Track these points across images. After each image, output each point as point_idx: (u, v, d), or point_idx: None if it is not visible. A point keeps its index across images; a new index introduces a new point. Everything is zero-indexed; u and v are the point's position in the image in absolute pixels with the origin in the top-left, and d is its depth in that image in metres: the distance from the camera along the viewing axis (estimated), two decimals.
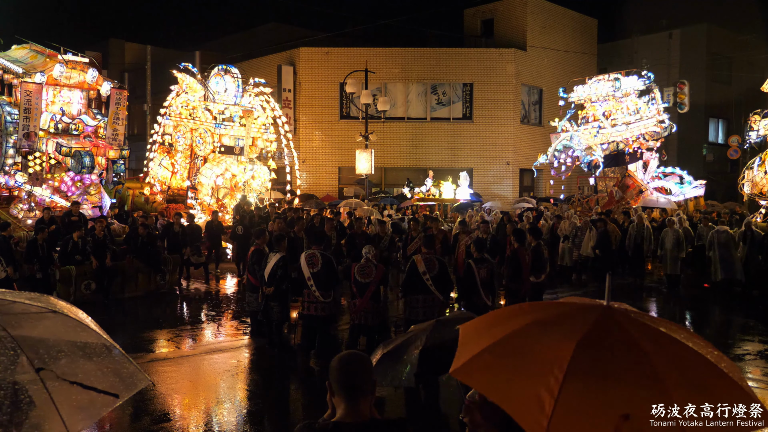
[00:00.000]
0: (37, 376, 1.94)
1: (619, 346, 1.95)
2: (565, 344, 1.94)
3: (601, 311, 2.12)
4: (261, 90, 21.33)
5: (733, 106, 33.57)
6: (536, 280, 9.39)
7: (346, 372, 2.40)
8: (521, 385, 1.93)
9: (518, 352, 2.04)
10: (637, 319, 2.11)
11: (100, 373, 2.14)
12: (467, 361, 2.11)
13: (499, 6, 31.39)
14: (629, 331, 2.01)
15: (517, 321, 2.18)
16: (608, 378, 1.86)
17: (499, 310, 2.56)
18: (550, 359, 1.91)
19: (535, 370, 1.93)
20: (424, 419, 6.91)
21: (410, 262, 8.17)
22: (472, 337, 2.28)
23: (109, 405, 2.09)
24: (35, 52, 16.77)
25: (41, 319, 2.19)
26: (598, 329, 2.01)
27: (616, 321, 2.06)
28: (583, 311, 2.16)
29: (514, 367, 2.00)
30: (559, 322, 2.11)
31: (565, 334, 1.99)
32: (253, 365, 8.77)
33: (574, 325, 2.05)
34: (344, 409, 2.39)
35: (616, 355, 1.92)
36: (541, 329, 2.09)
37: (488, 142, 29.26)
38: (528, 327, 2.12)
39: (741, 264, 13.58)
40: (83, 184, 16.33)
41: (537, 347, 2.01)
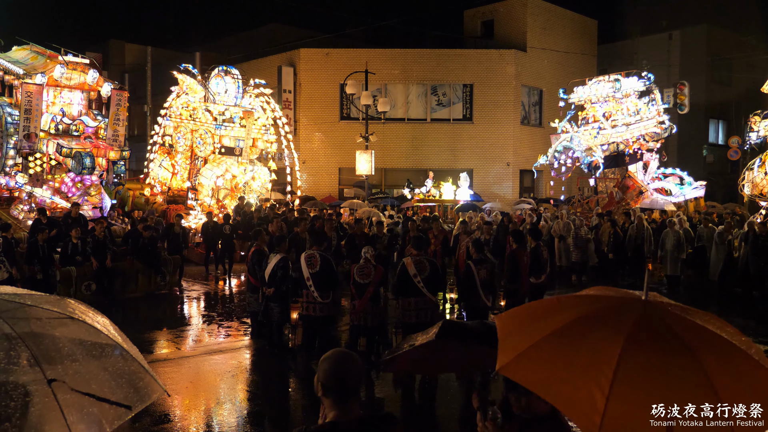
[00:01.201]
0: (48, 388, 1.92)
1: (665, 342, 1.97)
2: (613, 341, 1.96)
3: (642, 306, 2.15)
4: (261, 91, 21.34)
5: (733, 107, 33.57)
6: (536, 281, 9.39)
7: (338, 372, 2.41)
8: (572, 382, 1.94)
9: (566, 349, 2.05)
10: (677, 312, 2.14)
11: (114, 384, 2.10)
12: (515, 357, 2.12)
13: (499, 7, 31.41)
14: (672, 326, 2.03)
15: (561, 317, 2.19)
16: (657, 375, 1.88)
17: (535, 304, 2.57)
18: (600, 356, 1.94)
19: (584, 368, 1.95)
20: (424, 419, 6.92)
21: (400, 264, 8.12)
22: (512, 330, 2.28)
23: (121, 417, 2.05)
24: (36, 54, 16.78)
25: (58, 326, 2.16)
26: (643, 325, 2.04)
27: (658, 316, 2.09)
28: (625, 306, 2.17)
29: (564, 365, 2.01)
30: (603, 318, 2.12)
31: (611, 331, 2.02)
32: (254, 366, 8.77)
33: (618, 320, 2.07)
34: (336, 408, 2.41)
35: (663, 351, 1.94)
36: (587, 325, 2.11)
37: (488, 143, 29.27)
38: (573, 323, 2.13)
39: (742, 265, 13.59)
40: (84, 185, 16.34)
41: (585, 344, 2.03)
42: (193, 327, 11.22)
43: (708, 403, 1.79)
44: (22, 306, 2.14)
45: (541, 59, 30.35)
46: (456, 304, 11.68)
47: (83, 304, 2.38)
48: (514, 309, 2.57)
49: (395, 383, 8.03)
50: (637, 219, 15.67)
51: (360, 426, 2.41)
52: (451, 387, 7.97)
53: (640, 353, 1.93)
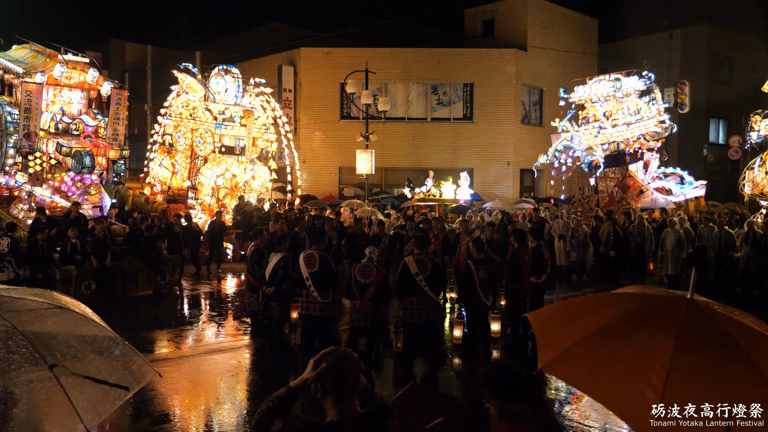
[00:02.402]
0: (51, 373, 1.94)
1: (716, 341, 1.93)
2: (663, 340, 1.92)
3: (687, 304, 2.09)
4: (261, 90, 21.33)
5: (733, 107, 33.55)
6: (537, 280, 9.37)
7: (338, 373, 2.41)
8: (621, 381, 1.89)
9: (613, 347, 2.00)
10: (723, 312, 2.09)
11: (110, 367, 2.14)
12: (558, 356, 2.06)
13: (499, 6, 31.39)
14: (720, 324, 1.98)
15: (603, 314, 2.13)
16: (711, 374, 1.84)
17: (573, 301, 2.48)
18: (650, 355, 1.89)
19: (635, 367, 1.90)
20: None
21: (402, 263, 8.13)
22: (550, 328, 2.22)
23: (120, 398, 2.09)
24: (36, 52, 16.77)
25: (49, 315, 2.18)
26: (691, 324, 1.99)
27: (705, 315, 2.04)
28: (670, 305, 2.13)
29: (612, 363, 1.96)
30: (649, 317, 2.07)
31: (660, 329, 1.97)
32: (254, 365, 8.77)
33: (666, 319, 2.02)
34: (337, 408, 2.42)
35: (714, 350, 1.90)
36: (633, 324, 2.05)
37: (489, 143, 29.26)
38: (619, 321, 2.07)
39: (742, 264, 13.58)
40: (83, 184, 16.33)
41: (633, 342, 1.98)
42: (193, 326, 11.22)
43: (760, 402, 1.75)
44: (10, 300, 2.16)
45: (541, 58, 30.34)
46: (456, 303, 11.68)
47: (67, 296, 2.41)
48: (549, 307, 2.54)
49: (395, 383, 8.03)
50: (637, 218, 15.67)
51: (362, 424, 2.41)
52: (451, 387, 7.97)
53: (692, 352, 1.88)
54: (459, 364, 8.85)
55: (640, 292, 2.35)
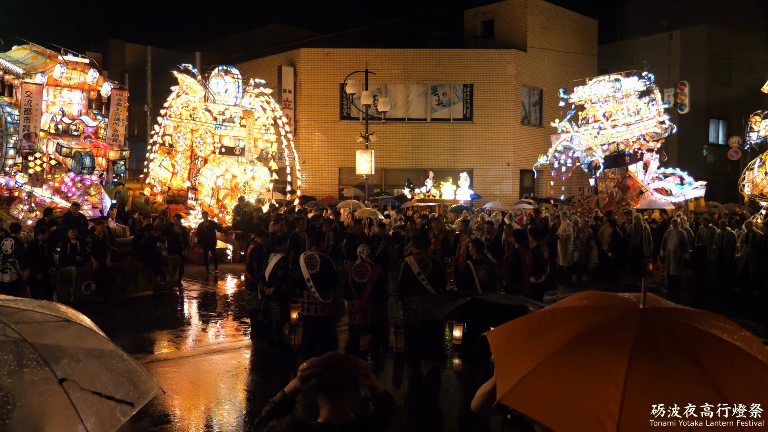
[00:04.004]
0: (60, 387, 1.93)
1: (670, 354, 1.86)
2: (616, 358, 1.85)
3: (641, 316, 2.02)
4: (261, 91, 21.34)
5: (733, 107, 33.56)
6: (536, 281, 9.37)
7: (326, 376, 2.42)
8: (579, 408, 1.83)
9: (569, 371, 1.93)
10: (678, 318, 2.02)
11: (117, 382, 2.12)
12: (515, 385, 1.98)
13: (499, 7, 31.40)
14: (677, 334, 1.92)
15: (558, 334, 2.05)
16: (665, 390, 1.78)
17: (527, 318, 2.38)
18: (605, 377, 1.83)
19: (590, 391, 1.83)
20: (424, 418, 6.91)
21: (403, 263, 8.15)
22: (508, 353, 2.15)
23: (126, 414, 2.07)
24: (36, 53, 16.77)
25: (58, 328, 2.17)
26: (645, 337, 1.92)
27: (660, 324, 1.97)
28: (623, 317, 2.04)
29: (568, 390, 1.89)
30: (602, 333, 1.99)
31: (612, 347, 1.90)
32: (254, 366, 8.77)
33: (619, 334, 1.95)
34: (328, 410, 2.43)
35: (668, 365, 1.84)
36: (587, 343, 1.97)
37: (488, 143, 29.26)
38: (573, 342, 1.99)
39: (742, 265, 13.58)
40: (83, 184, 16.32)
41: (588, 365, 1.91)
42: (193, 327, 11.22)
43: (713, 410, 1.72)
44: (18, 311, 2.15)
45: (541, 59, 30.34)
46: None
47: (70, 309, 2.40)
48: (505, 325, 2.39)
49: (395, 382, 8.04)
50: (635, 219, 15.67)
51: (354, 428, 2.42)
52: (452, 387, 7.97)
53: (646, 369, 1.83)
54: (459, 364, 8.84)
55: (594, 303, 2.23)
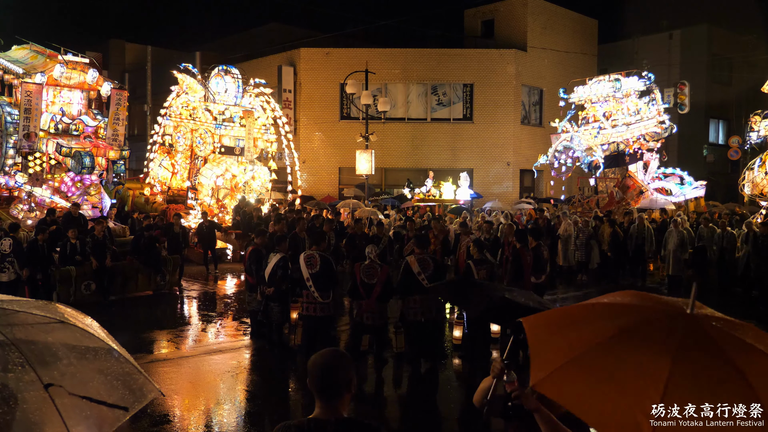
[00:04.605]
0: (46, 393, 1.90)
1: (715, 363, 1.86)
2: (659, 361, 1.85)
3: (687, 321, 2.02)
4: (261, 90, 21.34)
5: (733, 107, 33.55)
6: (536, 281, 9.38)
7: (321, 372, 2.45)
8: (616, 405, 1.83)
9: (609, 367, 1.93)
10: (724, 329, 2.01)
11: (110, 386, 2.10)
12: (551, 373, 1.98)
13: (499, 6, 31.39)
14: (720, 344, 1.91)
15: (599, 328, 2.06)
16: (707, 399, 1.78)
17: (567, 309, 2.39)
18: (646, 377, 1.84)
19: (630, 389, 1.84)
20: (424, 418, 6.91)
21: (404, 263, 8.17)
22: (544, 341, 2.15)
23: (119, 419, 2.05)
24: (35, 53, 16.77)
25: (50, 330, 2.13)
26: (689, 343, 1.91)
27: (704, 332, 1.97)
28: (669, 320, 2.04)
29: (607, 385, 1.89)
30: (646, 333, 2.00)
31: (656, 349, 1.90)
32: (254, 366, 8.76)
33: (664, 337, 1.95)
34: (320, 407, 2.47)
35: (712, 374, 1.84)
36: (630, 341, 1.98)
37: (488, 143, 29.26)
38: (614, 338, 2.00)
39: (743, 264, 13.57)
40: (83, 184, 16.32)
41: (629, 363, 1.91)
42: (193, 327, 11.22)
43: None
44: (11, 312, 2.12)
45: (541, 59, 30.33)
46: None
47: (71, 308, 2.37)
48: (542, 314, 2.45)
49: (395, 382, 8.03)
50: (638, 219, 15.66)
51: (341, 426, 2.45)
52: (452, 387, 7.97)
53: (688, 375, 1.83)
54: (459, 364, 8.84)
55: (639, 302, 2.24)
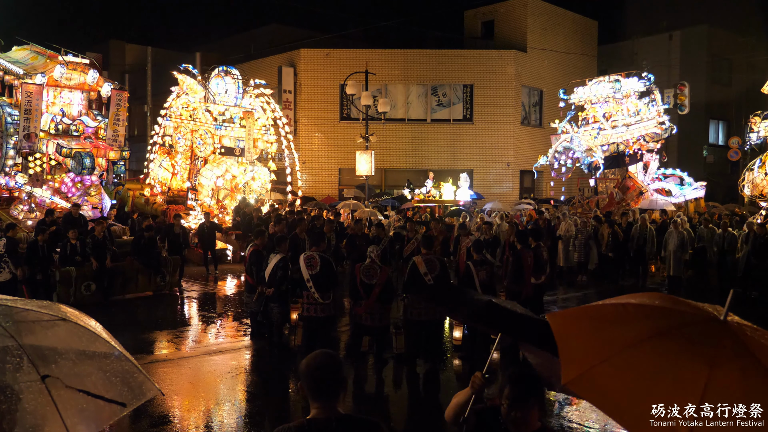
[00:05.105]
0: (42, 384, 1.92)
1: (752, 372, 1.85)
2: (698, 367, 1.85)
3: (721, 328, 2.01)
4: (261, 91, 21.34)
5: (733, 108, 33.55)
6: (536, 281, 9.38)
7: (313, 373, 2.48)
8: (652, 410, 1.82)
9: (646, 370, 1.92)
10: (756, 337, 2.00)
11: (108, 382, 2.12)
12: (584, 372, 1.96)
13: (499, 7, 31.40)
14: (755, 352, 1.90)
15: (634, 329, 2.04)
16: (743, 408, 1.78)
17: (597, 308, 2.34)
18: (684, 383, 1.83)
19: (667, 394, 1.82)
20: (424, 418, 6.91)
21: (410, 263, 8.19)
22: (573, 337, 2.13)
23: (116, 414, 2.08)
24: (36, 54, 16.79)
25: (51, 327, 2.17)
26: (726, 350, 1.91)
27: (740, 340, 1.96)
28: (705, 325, 2.03)
29: (643, 388, 1.88)
30: (683, 338, 1.98)
31: (693, 355, 1.90)
32: (254, 367, 8.77)
33: (701, 343, 1.94)
34: (316, 407, 2.50)
35: (750, 382, 1.83)
36: (666, 344, 1.96)
37: (488, 144, 29.26)
38: (650, 340, 1.98)
39: (743, 265, 13.57)
40: (83, 185, 16.33)
41: (665, 367, 1.90)
42: (193, 327, 11.22)
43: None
44: (13, 308, 2.14)
45: (541, 60, 30.34)
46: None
47: (75, 309, 2.39)
48: (570, 311, 2.43)
49: (395, 383, 8.03)
50: (640, 219, 15.66)
51: (339, 423, 2.47)
52: (452, 387, 7.96)
53: (726, 383, 1.82)
54: (459, 365, 8.84)
55: (670, 305, 2.21)
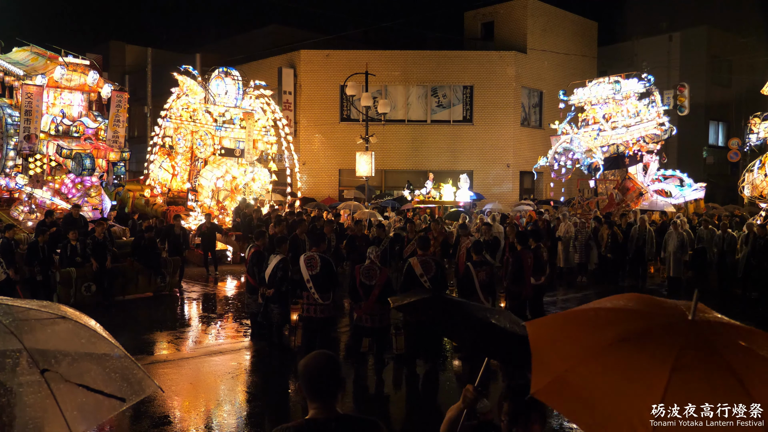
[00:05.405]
0: (41, 378, 1.94)
1: (715, 372, 1.85)
2: (659, 369, 1.85)
3: (688, 327, 2.01)
4: (261, 92, 21.36)
5: (733, 109, 33.56)
6: (536, 282, 9.39)
7: (311, 374, 2.50)
8: (614, 414, 1.84)
9: (609, 376, 1.93)
10: (725, 334, 2.00)
11: (107, 378, 2.14)
12: (551, 381, 1.99)
13: (499, 9, 31.42)
14: (723, 351, 1.90)
15: (601, 336, 2.04)
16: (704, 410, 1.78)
17: (571, 314, 2.36)
18: (645, 387, 1.83)
19: (628, 399, 1.84)
20: (424, 418, 6.91)
21: (407, 264, 8.18)
22: (546, 347, 2.14)
23: (115, 408, 2.10)
24: (36, 55, 16.80)
25: (51, 324, 2.20)
26: (689, 351, 1.90)
27: (707, 339, 1.95)
28: (670, 326, 2.03)
29: (606, 394, 1.89)
30: (646, 340, 1.98)
31: (656, 357, 1.89)
32: (254, 367, 8.77)
33: (664, 344, 1.93)
34: (314, 407, 2.52)
35: (712, 383, 1.83)
36: (630, 349, 1.97)
37: (488, 145, 29.27)
38: (615, 346, 1.99)
39: (743, 266, 13.58)
40: (84, 186, 16.34)
41: (629, 371, 1.91)
42: (193, 328, 11.22)
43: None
44: (13, 306, 2.16)
45: (541, 61, 30.36)
46: None
47: (72, 308, 2.41)
48: (547, 318, 2.44)
49: (395, 383, 8.03)
50: (639, 220, 15.66)
51: (338, 423, 2.49)
52: (452, 387, 7.97)
53: (687, 385, 1.82)
54: (459, 365, 8.85)
55: (641, 307, 2.22)
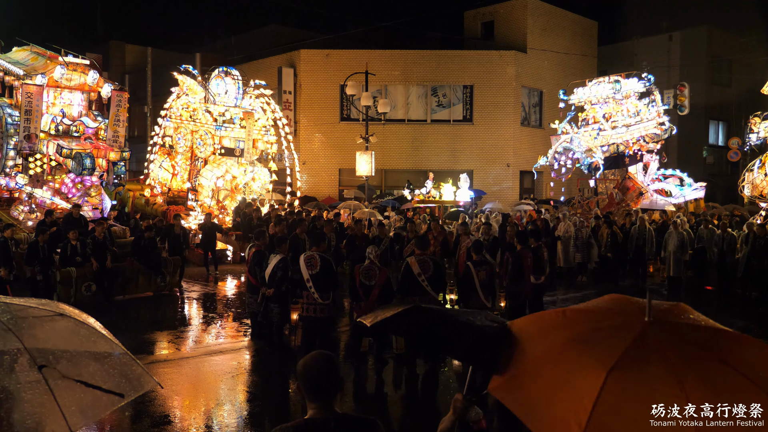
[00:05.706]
0: (39, 374, 1.95)
1: (656, 373, 1.86)
2: (597, 370, 1.88)
3: (642, 328, 2.01)
4: (261, 92, 21.36)
5: (733, 109, 33.56)
6: (536, 281, 9.39)
7: (310, 374, 2.51)
8: (554, 413, 1.89)
9: (556, 375, 1.98)
10: (683, 336, 2.00)
11: (106, 374, 2.15)
12: (507, 379, 2.07)
13: (499, 8, 31.42)
14: (670, 353, 1.91)
15: (559, 336, 2.10)
16: (638, 410, 1.80)
17: (541, 315, 2.41)
18: (583, 386, 1.87)
19: (567, 398, 1.88)
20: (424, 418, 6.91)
21: (404, 264, 8.18)
22: (513, 347, 2.20)
23: (114, 404, 2.11)
24: (36, 54, 16.80)
25: (50, 322, 2.21)
26: (635, 352, 1.92)
27: (656, 340, 1.96)
28: (623, 327, 2.04)
29: (550, 393, 1.95)
30: (596, 341, 2.01)
31: (598, 358, 1.92)
32: (254, 367, 8.77)
33: (610, 345, 1.96)
34: (313, 407, 2.53)
35: (650, 384, 1.84)
36: (577, 350, 2.01)
37: (488, 144, 29.27)
38: (564, 346, 2.04)
39: (743, 266, 13.58)
40: (84, 185, 16.34)
41: (573, 371, 1.95)
42: (193, 328, 11.22)
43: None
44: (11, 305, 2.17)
45: (541, 60, 30.36)
46: (456, 305, 11.68)
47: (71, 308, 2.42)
48: (525, 318, 2.48)
49: (395, 383, 8.04)
50: (639, 220, 15.67)
51: (337, 423, 2.49)
52: (452, 387, 7.97)
53: (623, 386, 1.84)
54: (458, 365, 8.84)
55: (607, 307, 2.25)
